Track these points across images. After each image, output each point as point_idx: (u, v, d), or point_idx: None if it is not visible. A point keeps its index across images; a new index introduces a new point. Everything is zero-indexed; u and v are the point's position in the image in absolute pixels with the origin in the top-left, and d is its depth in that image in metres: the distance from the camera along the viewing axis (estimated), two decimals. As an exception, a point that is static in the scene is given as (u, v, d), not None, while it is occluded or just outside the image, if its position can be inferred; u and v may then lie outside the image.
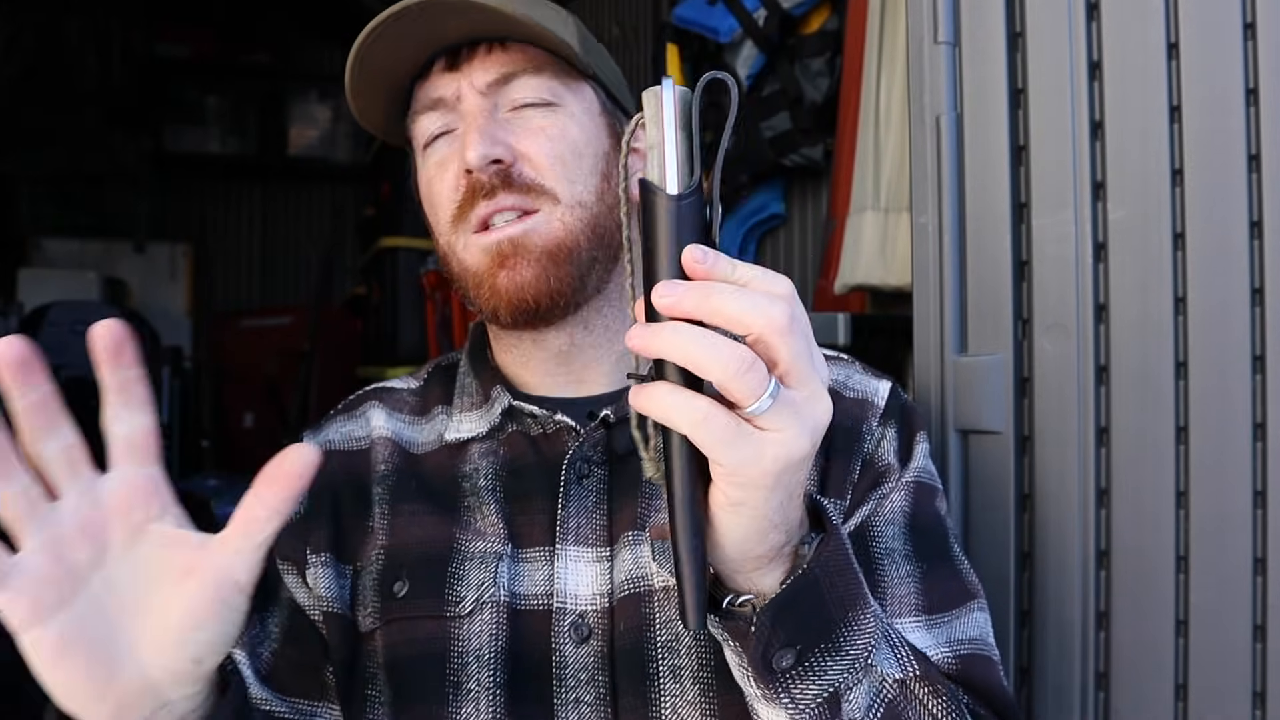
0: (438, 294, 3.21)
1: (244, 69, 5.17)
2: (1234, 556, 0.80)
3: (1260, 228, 0.80)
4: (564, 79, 0.78)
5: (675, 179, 0.50)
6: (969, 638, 0.71)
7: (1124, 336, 0.86)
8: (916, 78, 0.97)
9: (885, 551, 0.73)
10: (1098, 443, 0.87)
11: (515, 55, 0.77)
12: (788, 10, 2.01)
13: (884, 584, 0.71)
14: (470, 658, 0.71)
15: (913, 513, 0.75)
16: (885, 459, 0.77)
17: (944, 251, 0.95)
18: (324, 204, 5.57)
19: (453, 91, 0.77)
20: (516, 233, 0.75)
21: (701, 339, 0.47)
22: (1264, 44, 0.79)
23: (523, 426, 0.79)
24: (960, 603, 0.72)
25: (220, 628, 0.51)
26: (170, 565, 0.51)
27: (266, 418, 4.81)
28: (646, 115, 0.51)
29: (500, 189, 0.75)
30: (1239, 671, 0.80)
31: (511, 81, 0.77)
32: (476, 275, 0.77)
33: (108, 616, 0.50)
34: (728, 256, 0.49)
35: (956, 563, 0.75)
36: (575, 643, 0.70)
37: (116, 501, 0.51)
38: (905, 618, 0.70)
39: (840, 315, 1.53)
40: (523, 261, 0.74)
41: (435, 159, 0.79)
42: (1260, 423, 0.80)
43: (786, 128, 2.10)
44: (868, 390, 0.81)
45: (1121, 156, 0.86)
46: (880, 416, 0.79)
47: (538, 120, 0.77)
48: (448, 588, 0.73)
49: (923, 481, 0.77)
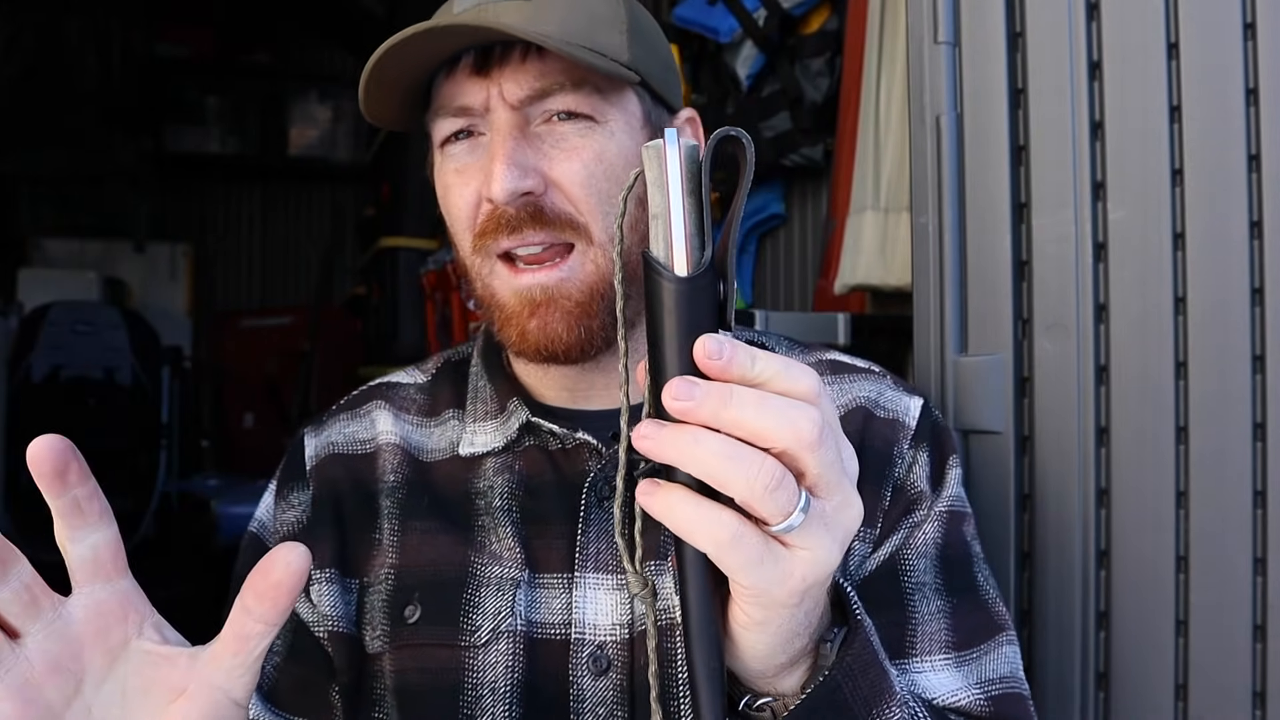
0: (438, 294, 3.21)
1: (244, 69, 5.18)
2: (1234, 556, 0.80)
3: (1260, 228, 0.80)
4: (605, 91, 0.71)
5: (683, 258, 0.44)
6: (1000, 676, 0.69)
7: (1124, 336, 0.86)
8: (916, 78, 0.97)
9: (916, 586, 0.71)
10: (1098, 443, 0.87)
11: (552, 65, 0.69)
12: (788, 10, 2.01)
13: (914, 620, 0.69)
14: (485, 690, 0.68)
15: (944, 543, 0.73)
16: (917, 485, 0.74)
17: (944, 251, 0.95)
18: (324, 204, 5.58)
19: (480, 101, 0.70)
20: (551, 282, 0.69)
21: (722, 452, 0.42)
22: (1264, 44, 0.79)
23: (540, 441, 0.75)
24: (988, 636, 0.70)
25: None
26: (158, 685, 0.47)
27: (266, 418, 4.82)
28: (649, 177, 0.45)
29: (528, 224, 0.69)
30: (1239, 671, 0.80)
31: (546, 97, 0.69)
32: (504, 312, 0.72)
33: None
34: (745, 346, 0.44)
35: (982, 593, 0.73)
36: (594, 675, 0.67)
37: (88, 628, 0.46)
38: (935, 654, 0.69)
39: (840, 315, 1.53)
40: (556, 312, 0.70)
41: (454, 165, 0.73)
42: (1260, 423, 0.80)
43: (786, 128, 2.10)
44: (899, 409, 0.78)
45: (1121, 156, 0.86)
46: (912, 439, 0.76)
47: (574, 139, 0.70)
48: (463, 616, 0.70)
49: (955, 510, 0.75)
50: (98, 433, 4.17)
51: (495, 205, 0.69)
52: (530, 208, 0.69)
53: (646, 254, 0.45)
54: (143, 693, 0.47)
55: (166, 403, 4.43)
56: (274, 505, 0.81)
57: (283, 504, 0.80)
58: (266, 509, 0.82)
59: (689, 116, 0.79)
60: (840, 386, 0.79)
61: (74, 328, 4.31)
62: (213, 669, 0.46)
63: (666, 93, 0.77)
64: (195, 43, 5.07)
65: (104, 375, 4.31)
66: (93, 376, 4.28)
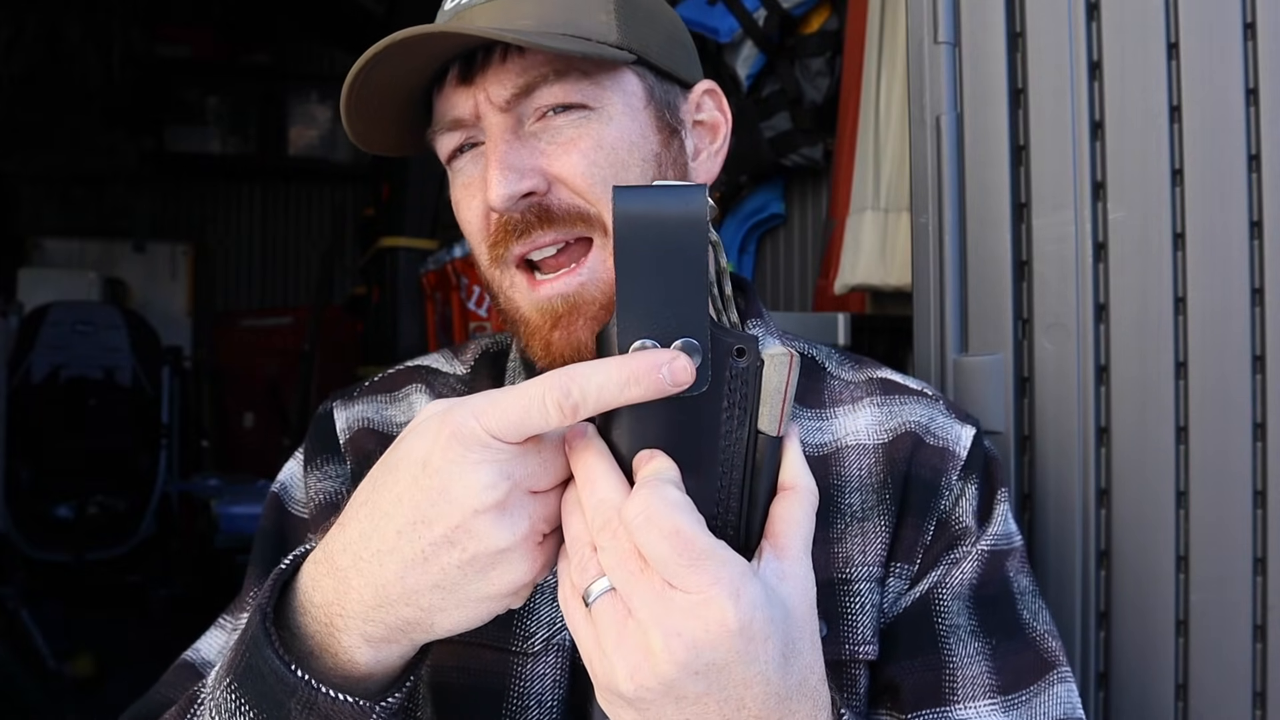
0: (438, 294, 3.21)
1: (244, 69, 5.19)
2: (1234, 556, 0.80)
3: (1260, 228, 0.80)
4: (595, 75, 0.68)
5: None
6: (1053, 719, 0.66)
7: (1124, 336, 0.86)
8: (916, 78, 0.97)
9: (950, 629, 0.68)
10: (1098, 443, 0.87)
11: (533, 60, 0.67)
12: (788, 10, 2.01)
13: (951, 664, 0.66)
14: (531, 700, 0.66)
15: (979, 584, 0.69)
16: (963, 520, 0.71)
17: (944, 251, 0.95)
18: (324, 204, 5.59)
19: (469, 110, 0.69)
20: (570, 290, 0.68)
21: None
22: (1264, 44, 0.79)
23: None
24: (1037, 677, 0.67)
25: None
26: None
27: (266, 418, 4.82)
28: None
29: (536, 226, 0.67)
30: (1239, 671, 0.80)
31: (533, 92, 0.67)
32: (528, 326, 0.70)
33: None
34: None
35: (1028, 631, 0.69)
36: None
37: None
38: (980, 700, 0.65)
39: (840, 315, 1.53)
40: (579, 321, 0.68)
41: (462, 180, 0.72)
42: (1260, 423, 0.80)
43: (786, 128, 2.10)
44: (950, 438, 0.74)
45: (1121, 156, 0.86)
46: (961, 470, 0.72)
47: (569, 131, 0.68)
48: (516, 621, 0.67)
49: (998, 549, 0.71)
50: (98, 433, 4.17)
51: (499, 212, 0.67)
52: (535, 209, 0.67)
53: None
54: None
55: (166, 403, 4.43)
56: (303, 473, 0.79)
57: (316, 473, 0.78)
58: (292, 475, 0.80)
59: (708, 89, 0.77)
60: (890, 409, 0.76)
61: (74, 328, 4.32)
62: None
63: (674, 67, 0.74)
64: (195, 43, 5.07)
65: (104, 375, 4.31)
66: (93, 376, 4.29)
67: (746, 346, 0.46)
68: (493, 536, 0.46)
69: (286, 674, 0.49)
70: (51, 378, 4.22)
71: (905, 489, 0.71)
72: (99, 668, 3.21)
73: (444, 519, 0.46)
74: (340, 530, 0.51)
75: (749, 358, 0.46)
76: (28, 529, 3.93)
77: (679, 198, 0.45)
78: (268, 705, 0.50)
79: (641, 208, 0.45)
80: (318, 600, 0.51)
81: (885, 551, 0.70)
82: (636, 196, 0.45)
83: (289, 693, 0.49)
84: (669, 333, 0.45)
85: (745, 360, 0.46)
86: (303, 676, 0.49)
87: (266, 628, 0.50)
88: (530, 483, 0.47)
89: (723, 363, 0.46)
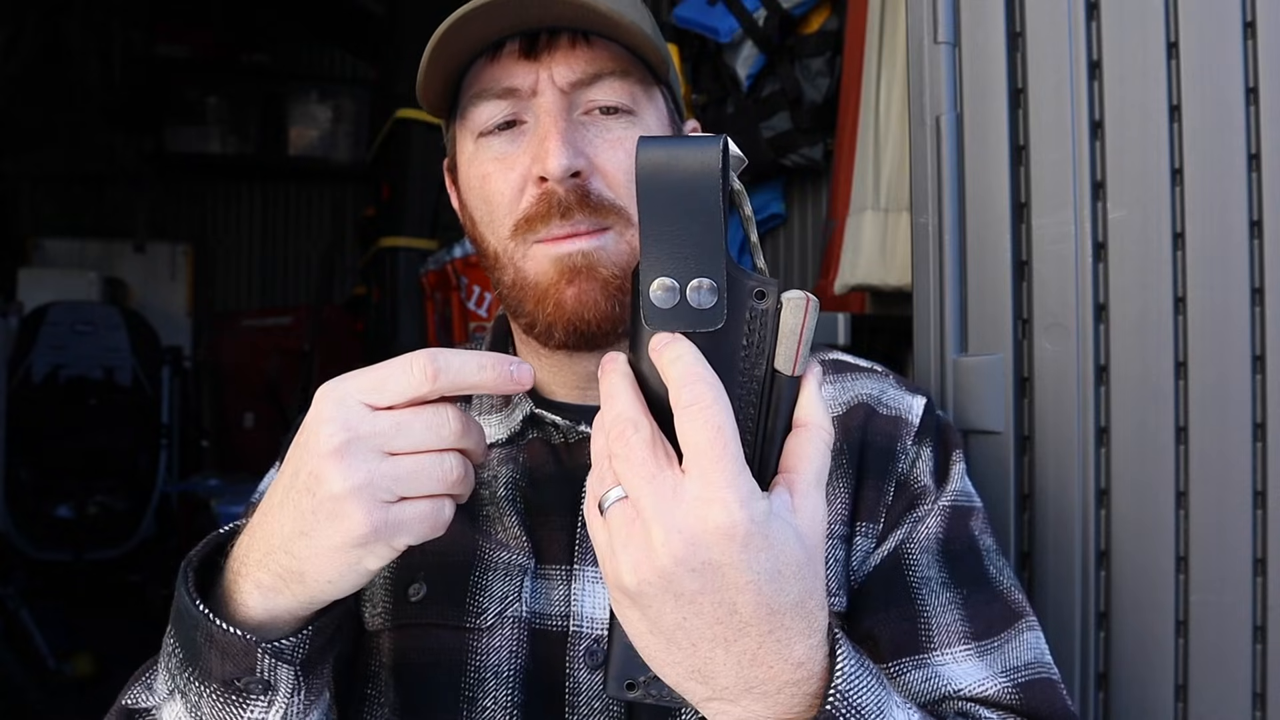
0: (438, 294, 3.21)
1: (244, 69, 5.18)
2: (1234, 556, 0.80)
3: (1260, 228, 0.80)
4: (645, 84, 0.73)
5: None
6: (1025, 662, 0.69)
7: (1124, 336, 0.86)
8: (916, 78, 0.97)
9: (922, 580, 0.71)
10: (1098, 443, 0.87)
11: (601, 54, 0.71)
12: (788, 10, 2.01)
13: (926, 613, 0.70)
14: (488, 673, 0.68)
15: (946, 538, 0.73)
16: (921, 480, 0.75)
17: (944, 251, 0.95)
18: (324, 204, 5.58)
19: (529, 84, 0.71)
20: (590, 248, 0.70)
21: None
22: (1264, 44, 0.79)
23: (544, 434, 0.76)
24: (1007, 625, 0.70)
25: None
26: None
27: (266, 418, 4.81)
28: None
29: (577, 209, 0.69)
30: (1239, 672, 0.80)
31: (596, 83, 0.71)
32: (539, 288, 0.72)
33: None
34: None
35: (995, 584, 0.73)
36: (590, 668, 0.67)
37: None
38: (955, 646, 0.68)
39: (840, 315, 1.53)
40: (595, 282, 0.70)
41: (495, 153, 0.73)
42: (1260, 423, 0.80)
43: (786, 128, 2.10)
44: (901, 407, 0.78)
45: (1121, 156, 0.86)
46: (915, 435, 0.77)
47: (617, 130, 0.71)
48: (469, 598, 0.70)
49: (959, 505, 0.75)
50: (98, 433, 4.17)
51: (547, 183, 0.69)
52: (579, 191, 0.70)
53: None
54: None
55: (166, 403, 4.43)
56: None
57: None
58: (268, 480, 0.80)
59: (693, 128, 0.82)
60: (842, 385, 0.80)
61: (74, 328, 4.31)
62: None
63: (677, 97, 0.79)
64: (195, 43, 5.06)
65: (104, 375, 4.31)
66: (93, 376, 4.29)
67: (767, 290, 0.48)
68: (331, 480, 0.51)
69: (193, 609, 0.56)
70: (51, 378, 4.22)
71: (862, 455, 0.75)
72: (99, 667, 3.21)
73: (304, 468, 0.53)
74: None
75: (769, 300, 0.48)
76: (28, 529, 3.93)
77: (696, 147, 0.48)
78: (185, 641, 0.57)
79: (661, 157, 0.48)
80: (234, 554, 0.58)
81: (847, 512, 0.74)
82: (658, 146, 0.48)
83: (194, 626, 0.56)
84: (687, 272, 0.48)
85: (765, 303, 0.48)
86: (203, 611, 0.55)
87: (186, 572, 0.58)
88: (378, 441, 0.52)
89: (744, 304, 0.48)
